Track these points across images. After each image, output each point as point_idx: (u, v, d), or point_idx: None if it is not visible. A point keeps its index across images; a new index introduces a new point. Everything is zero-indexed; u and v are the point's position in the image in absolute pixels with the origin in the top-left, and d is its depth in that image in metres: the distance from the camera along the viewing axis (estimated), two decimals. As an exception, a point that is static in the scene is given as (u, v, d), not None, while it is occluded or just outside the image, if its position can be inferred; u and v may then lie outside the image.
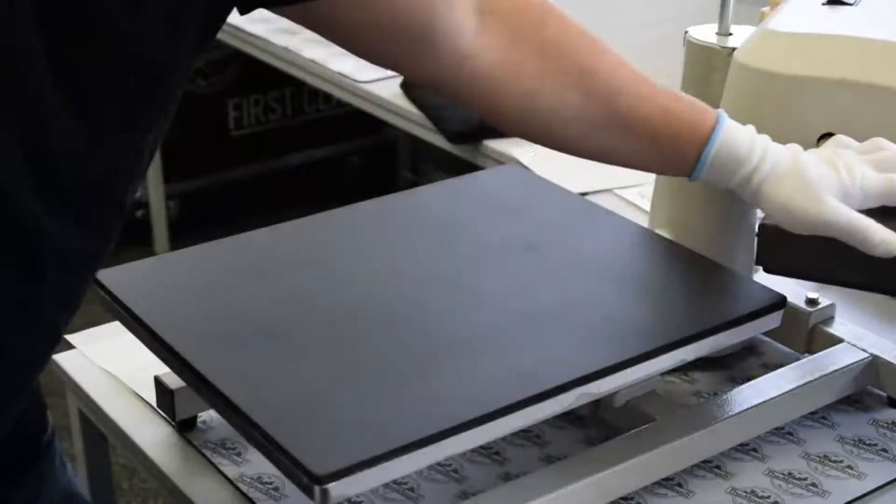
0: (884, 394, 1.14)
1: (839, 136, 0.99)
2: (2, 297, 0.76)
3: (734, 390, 1.07)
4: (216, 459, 1.05)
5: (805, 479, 1.04)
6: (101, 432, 1.19)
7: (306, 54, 2.22)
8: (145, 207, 3.13)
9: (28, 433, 0.94)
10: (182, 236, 3.01)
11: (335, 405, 0.90)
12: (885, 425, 1.11)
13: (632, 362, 0.96)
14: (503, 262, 1.11)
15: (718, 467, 1.05)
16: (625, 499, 1.00)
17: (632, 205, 1.60)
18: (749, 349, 1.20)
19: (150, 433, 1.09)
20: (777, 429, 1.09)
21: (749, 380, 1.10)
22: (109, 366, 1.19)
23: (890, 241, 0.93)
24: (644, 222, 1.21)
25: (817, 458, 1.06)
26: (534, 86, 0.94)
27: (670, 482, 1.02)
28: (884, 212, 0.98)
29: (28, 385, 0.84)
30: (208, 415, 1.09)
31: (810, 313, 1.16)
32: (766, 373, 1.11)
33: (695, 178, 0.97)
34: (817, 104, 0.99)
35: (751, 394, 1.06)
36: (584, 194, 1.41)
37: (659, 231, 1.17)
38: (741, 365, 1.19)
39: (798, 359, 1.15)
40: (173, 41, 0.75)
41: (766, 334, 1.17)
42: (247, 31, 2.36)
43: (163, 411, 1.09)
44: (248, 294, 1.05)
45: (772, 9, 1.18)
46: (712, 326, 1.01)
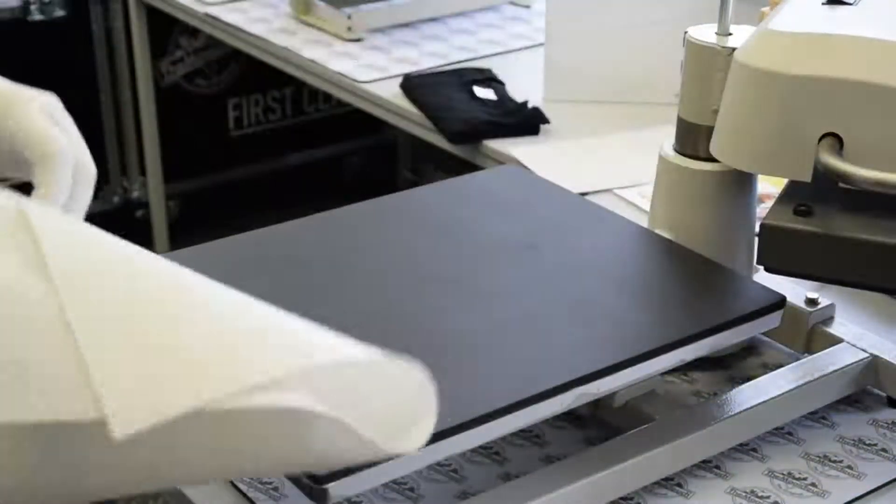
0: (884, 394, 1.14)
1: None
2: None
3: (734, 390, 1.07)
4: (216, 459, 1.05)
5: (805, 479, 1.04)
6: (100, 432, 1.19)
7: (306, 54, 2.22)
8: (145, 207, 3.12)
9: None
10: (182, 236, 3.01)
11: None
12: (885, 425, 1.11)
13: (632, 362, 0.97)
14: (503, 263, 1.11)
15: (718, 467, 1.05)
16: (625, 499, 1.00)
17: (632, 205, 1.60)
18: (749, 349, 1.20)
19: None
20: (777, 429, 1.09)
21: (749, 380, 1.10)
22: (109, 366, 1.19)
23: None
24: (644, 222, 1.21)
25: (817, 458, 1.06)
26: None
27: (670, 482, 1.02)
28: (884, 210, 0.99)
29: None
30: (208, 415, 1.09)
31: (810, 313, 1.16)
32: (765, 373, 1.11)
33: None
34: (818, 104, 0.99)
35: (751, 394, 1.06)
36: (584, 194, 1.41)
37: (659, 231, 1.17)
38: (741, 365, 1.19)
39: (798, 359, 1.15)
40: None
41: (765, 334, 1.17)
42: (247, 31, 2.36)
43: (162, 411, 1.09)
44: (248, 294, 1.04)
45: (772, 9, 1.18)
46: (712, 326, 1.01)
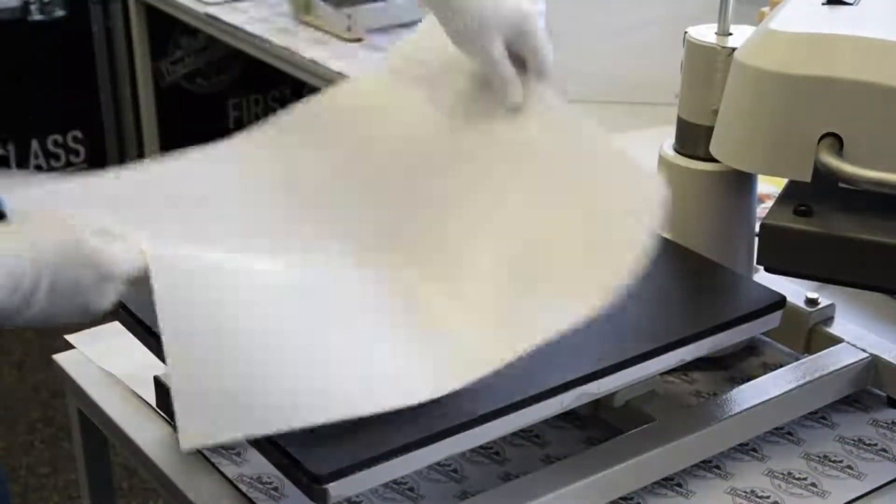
0: (883, 394, 1.14)
1: None
2: None
3: (734, 390, 1.07)
4: (216, 459, 1.05)
5: (805, 479, 1.04)
6: (101, 432, 1.19)
7: (306, 54, 2.22)
8: (145, 207, 3.13)
9: None
10: (182, 236, 3.00)
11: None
12: (885, 425, 1.11)
13: (632, 362, 0.97)
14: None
15: (718, 467, 1.05)
16: (625, 499, 1.00)
17: (632, 205, 1.60)
18: (749, 349, 1.20)
19: (150, 433, 1.09)
20: (777, 429, 1.09)
21: (749, 380, 1.10)
22: (109, 366, 1.19)
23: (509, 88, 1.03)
24: (644, 222, 1.21)
25: (817, 458, 1.06)
26: None
27: (670, 482, 1.02)
28: (884, 210, 0.99)
29: None
30: (208, 415, 1.09)
31: (810, 313, 1.16)
32: (766, 373, 1.11)
33: None
34: (818, 104, 0.99)
35: (751, 394, 1.06)
36: (584, 194, 1.41)
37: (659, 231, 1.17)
38: (741, 365, 1.19)
39: (798, 359, 1.15)
40: None
41: (765, 334, 1.17)
42: (247, 30, 2.36)
43: (163, 411, 1.09)
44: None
45: (772, 9, 1.18)
46: (712, 326, 1.01)
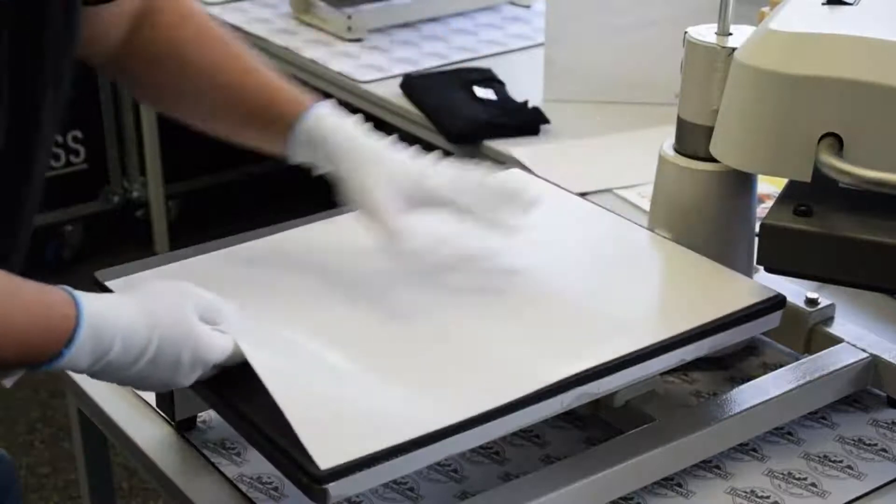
0: (884, 394, 1.14)
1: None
2: None
3: (734, 390, 1.07)
4: (216, 459, 1.05)
5: (805, 479, 1.04)
6: (101, 432, 1.19)
7: (306, 54, 2.22)
8: (145, 207, 3.12)
9: None
10: (182, 236, 3.00)
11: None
12: (885, 425, 1.11)
13: (632, 362, 0.96)
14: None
15: (718, 467, 1.05)
16: (625, 499, 1.00)
17: (632, 205, 1.60)
18: (749, 349, 1.20)
19: (149, 433, 1.09)
20: (777, 429, 1.09)
21: (749, 380, 1.10)
22: (109, 366, 1.19)
23: (397, 235, 1.02)
24: (644, 222, 1.21)
25: (817, 458, 1.06)
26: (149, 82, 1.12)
27: (670, 482, 1.02)
28: (884, 209, 0.99)
29: None
30: (208, 415, 1.09)
31: (810, 313, 1.16)
32: (765, 373, 1.11)
33: (290, 159, 1.09)
34: (818, 103, 0.99)
35: (751, 394, 1.06)
36: (583, 194, 1.41)
37: (659, 231, 1.17)
38: (741, 365, 1.19)
39: (798, 359, 1.15)
40: None
41: (765, 334, 1.17)
42: (247, 30, 2.36)
43: (162, 411, 1.09)
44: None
45: (771, 9, 1.18)
46: (712, 326, 1.01)
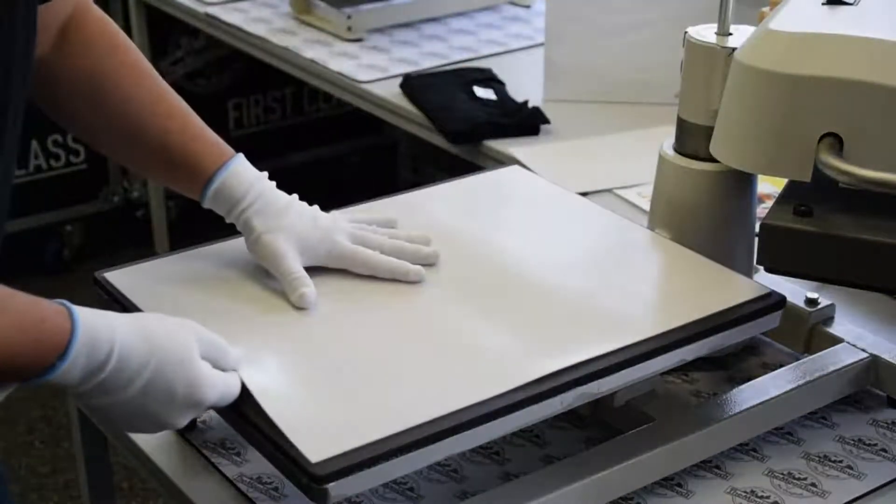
0: (884, 394, 1.14)
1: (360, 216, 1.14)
2: None
3: (734, 390, 1.07)
4: (216, 459, 1.05)
5: (805, 479, 1.04)
6: (101, 432, 1.19)
7: (306, 54, 2.22)
8: (145, 207, 3.12)
9: None
10: (182, 236, 3.00)
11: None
12: (885, 425, 1.11)
13: (631, 362, 0.97)
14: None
15: (718, 467, 1.05)
16: (625, 499, 1.00)
17: (631, 205, 1.60)
18: (749, 349, 1.20)
19: (149, 433, 1.09)
20: (777, 429, 1.09)
21: (749, 380, 1.10)
22: (109, 366, 1.19)
23: (299, 291, 1.03)
24: (644, 222, 1.21)
25: (817, 459, 1.06)
26: (81, 106, 1.08)
27: (670, 482, 1.02)
28: (884, 209, 0.99)
29: None
30: (208, 414, 1.09)
31: (810, 313, 1.16)
32: (766, 373, 1.11)
33: (204, 204, 1.10)
34: (818, 103, 0.99)
35: (751, 394, 1.06)
36: (583, 194, 1.41)
37: (658, 231, 1.17)
38: (741, 365, 1.19)
39: (798, 359, 1.15)
40: None
41: (765, 334, 1.17)
42: (247, 30, 2.36)
43: (162, 411, 1.09)
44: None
45: (772, 9, 1.18)
46: (712, 326, 1.01)
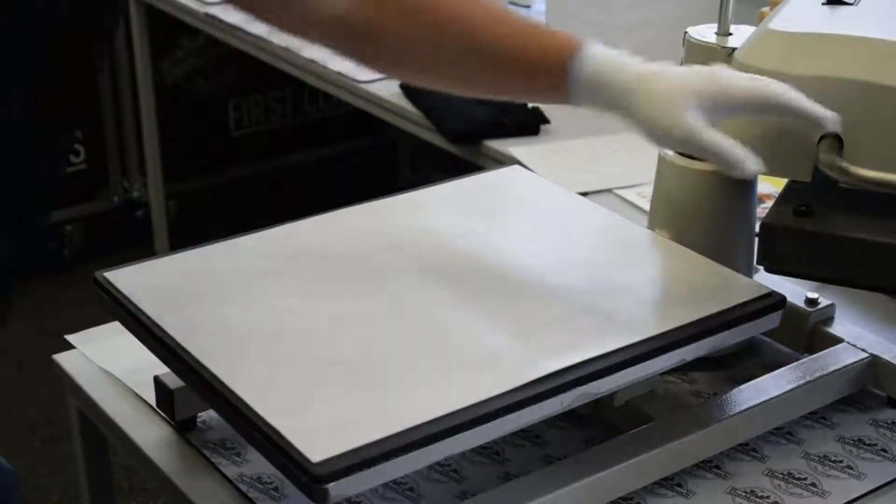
0: (883, 394, 1.14)
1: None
2: None
3: (734, 390, 1.07)
4: (216, 459, 1.05)
5: (805, 479, 1.04)
6: (101, 432, 1.19)
7: (306, 54, 2.22)
8: (145, 207, 3.13)
9: None
10: (182, 236, 3.01)
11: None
12: (885, 425, 1.11)
13: (631, 362, 0.96)
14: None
15: (718, 467, 1.05)
16: (625, 499, 1.00)
17: (632, 205, 1.60)
18: (749, 349, 1.20)
19: (149, 433, 1.09)
20: (777, 429, 1.09)
21: (749, 380, 1.10)
22: (109, 366, 1.19)
23: (744, 162, 0.94)
24: (643, 222, 1.21)
25: (817, 459, 1.06)
26: (401, 42, 1.00)
27: (670, 482, 1.02)
28: (884, 209, 0.99)
29: None
30: (208, 414, 1.09)
31: (810, 313, 1.16)
32: (766, 373, 1.11)
33: (574, 102, 0.98)
34: (818, 104, 0.99)
35: (751, 394, 1.06)
36: (584, 194, 1.41)
37: (658, 231, 1.17)
38: (741, 365, 1.19)
39: (798, 359, 1.15)
40: None
41: (765, 334, 1.17)
42: (246, 30, 2.36)
43: (162, 411, 1.09)
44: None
45: (771, 9, 1.18)
46: (712, 326, 1.01)
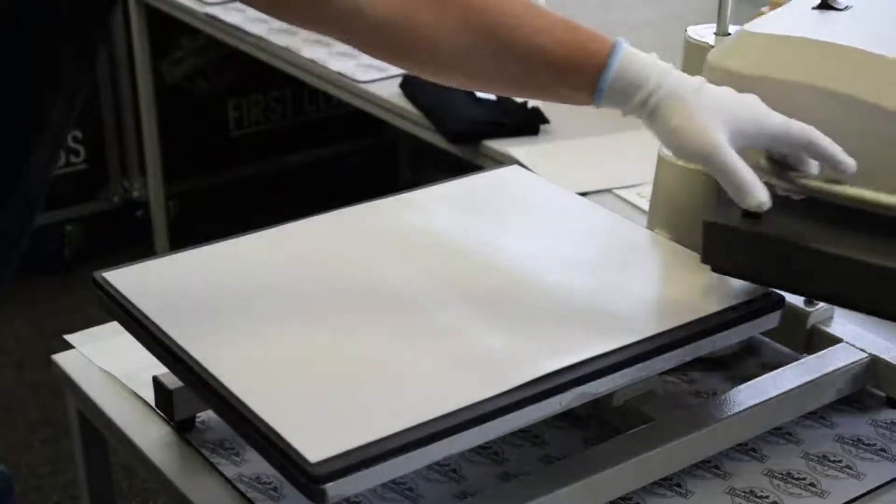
0: (883, 394, 1.14)
1: None
2: None
3: (733, 390, 1.07)
4: (215, 459, 1.05)
5: (804, 479, 1.04)
6: (100, 432, 1.19)
7: (306, 54, 2.22)
8: (145, 207, 3.13)
9: None
10: (182, 236, 3.01)
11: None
12: (884, 425, 1.11)
13: (630, 362, 0.96)
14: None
15: (717, 467, 1.05)
16: (624, 499, 1.00)
17: (631, 205, 1.60)
18: (748, 349, 1.20)
19: (149, 433, 1.09)
20: (776, 429, 1.09)
21: (748, 380, 1.10)
22: (108, 366, 1.19)
23: (757, 192, 0.93)
24: (643, 222, 1.21)
25: (816, 458, 1.06)
26: (429, 33, 0.96)
27: (669, 482, 1.02)
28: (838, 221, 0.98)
29: None
30: (207, 415, 1.09)
31: (809, 313, 1.16)
32: (765, 373, 1.11)
33: (598, 104, 0.96)
34: (781, 107, 0.97)
35: (750, 394, 1.06)
36: (583, 194, 1.41)
37: (657, 231, 1.17)
38: (740, 365, 1.19)
39: (797, 359, 1.15)
40: None
41: (765, 334, 1.17)
42: (246, 30, 2.36)
43: (161, 411, 1.09)
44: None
45: (771, 9, 1.18)
46: (711, 326, 1.01)
